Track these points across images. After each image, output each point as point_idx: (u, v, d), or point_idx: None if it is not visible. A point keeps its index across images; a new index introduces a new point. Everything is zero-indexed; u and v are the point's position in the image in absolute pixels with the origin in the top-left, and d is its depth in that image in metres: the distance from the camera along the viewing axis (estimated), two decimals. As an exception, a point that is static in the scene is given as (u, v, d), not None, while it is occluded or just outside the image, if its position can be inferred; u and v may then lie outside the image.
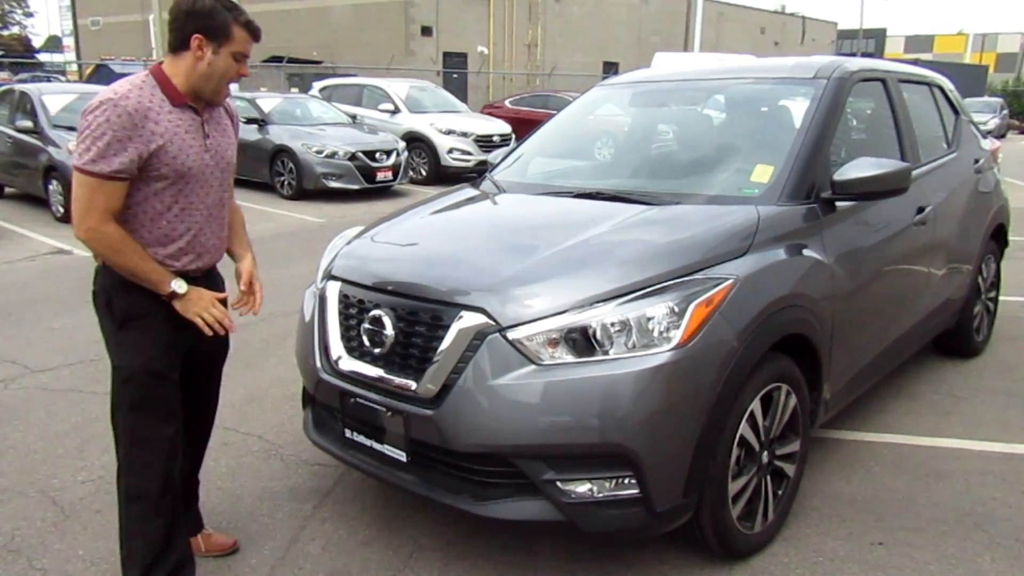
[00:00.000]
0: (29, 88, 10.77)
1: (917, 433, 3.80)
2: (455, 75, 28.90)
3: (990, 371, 4.64)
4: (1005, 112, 28.87)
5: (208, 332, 2.37)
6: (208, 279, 2.54)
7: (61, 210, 9.44)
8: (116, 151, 2.17)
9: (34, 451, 3.60)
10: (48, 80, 24.10)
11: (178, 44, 2.29)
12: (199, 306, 2.35)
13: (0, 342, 5.08)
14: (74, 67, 32.34)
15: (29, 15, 53.50)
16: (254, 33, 2.34)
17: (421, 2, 28.67)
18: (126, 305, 2.35)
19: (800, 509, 3.08)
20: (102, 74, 18.94)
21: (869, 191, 3.06)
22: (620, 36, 36.40)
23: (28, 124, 9.77)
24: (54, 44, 51.64)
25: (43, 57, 45.31)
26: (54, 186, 9.52)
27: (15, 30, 51.02)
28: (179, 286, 2.32)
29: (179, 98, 2.30)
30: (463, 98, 20.86)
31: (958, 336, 4.67)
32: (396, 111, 14.39)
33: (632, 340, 2.38)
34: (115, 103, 2.18)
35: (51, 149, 9.42)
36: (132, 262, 2.26)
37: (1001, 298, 5.28)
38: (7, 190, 11.26)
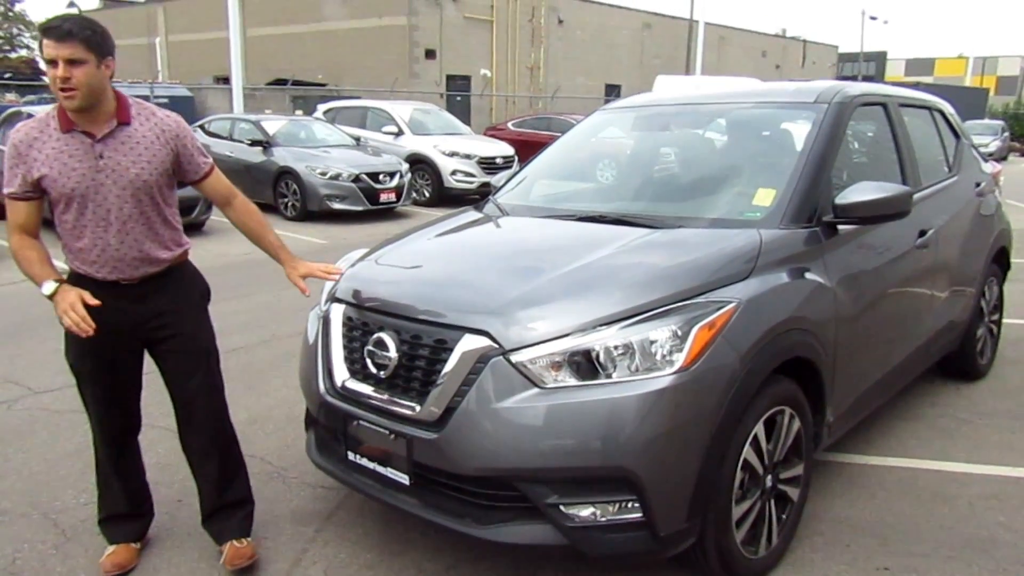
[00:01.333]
0: (36, 110, 10.84)
1: (922, 457, 3.79)
2: (458, 97, 29.10)
3: (994, 394, 4.63)
4: (1006, 135, 28.96)
5: (75, 332, 2.42)
6: (151, 287, 2.67)
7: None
8: (9, 177, 2.52)
9: (36, 473, 3.59)
10: (54, 102, 24.27)
11: None
12: (60, 308, 2.45)
13: (3, 363, 5.09)
14: (81, 89, 32.53)
15: (37, 38, 53.98)
16: (44, 33, 2.37)
17: (425, 25, 28.94)
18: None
19: (804, 533, 3.06)
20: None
21: (871, 215, 3.08)
22: (622, 59, 36.68)
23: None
24: (61, 67, 51.89)
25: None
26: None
27: (23, 53, 51.47)
28: (46, 288, 2.50)
29: (66, 124, 2.49)
30: (466, 120, 21.01)
31: (962, 359, 4.66)
32: (400, 133, 14.48)
33: (635, 363, 2.38)
34: (14, 133, 2.52)
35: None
36: (23, 268, 2.58)
37: (1004, 321, 5.27)
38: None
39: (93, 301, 2.46)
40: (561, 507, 2.39)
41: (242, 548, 2.86)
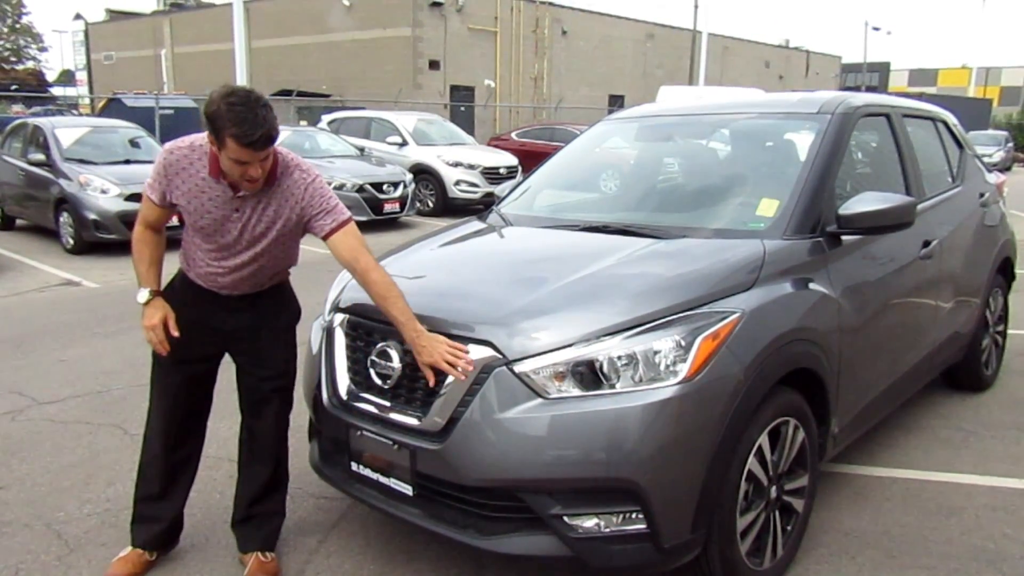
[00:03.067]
0: (42, 122, 10.92)
1: (927, 468, 3.77)
2: (462, 108, 29.19)
3: (1000, 405, 4.61)
4: (1010, 145, 28.93)
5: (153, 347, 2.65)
6: (247, 301, 2.77)
7: (71, 242, 9.52)
8: (152, 184, 2.64)
9: (40, 483, 3.59)
10: (61, 114, 24.41)
11: None
12: (146, 321, 2.65)
13: (8, 373, 5.10)
14: (87, 101, 32.80)
15: (43, 50, 54.34)
16: (247, 146, 2.35)
17: (429, 36, 29.07)
18: (167, 298, 2.74)
19: (809, 545, 3.05)
20: (114, 108, 19.15)
21: (874, 225, 3.07)
22: (626, 70, 36.77)
23: (40, 157, 9.89)
24: (67, 78, 52.40)
25: (56, 91, 45.98)
26: (64, 218, 9.61)
27: (29, 64, 51.81)
28: (141, 296, 2.66)
29: (214, 172, 2.54)
30: (470, 131, 21.06)
31: (967, 370, 4.64)
32: (404, 144, 14.52)
33: (639, 374, 2.38)
34: (167, 152, 2.60)
35: (62, 182, 9.52)
36: (134, 259, 2.73)
37: (1009, 332, 5.26)
38: (18, 222, 11.37)
39: (175, 332, 2.64)
40: (565, 518, 2.38)
41: (267, 563, 2.87)
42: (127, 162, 10.14)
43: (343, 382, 2.82)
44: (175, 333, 2.64)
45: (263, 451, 2.92)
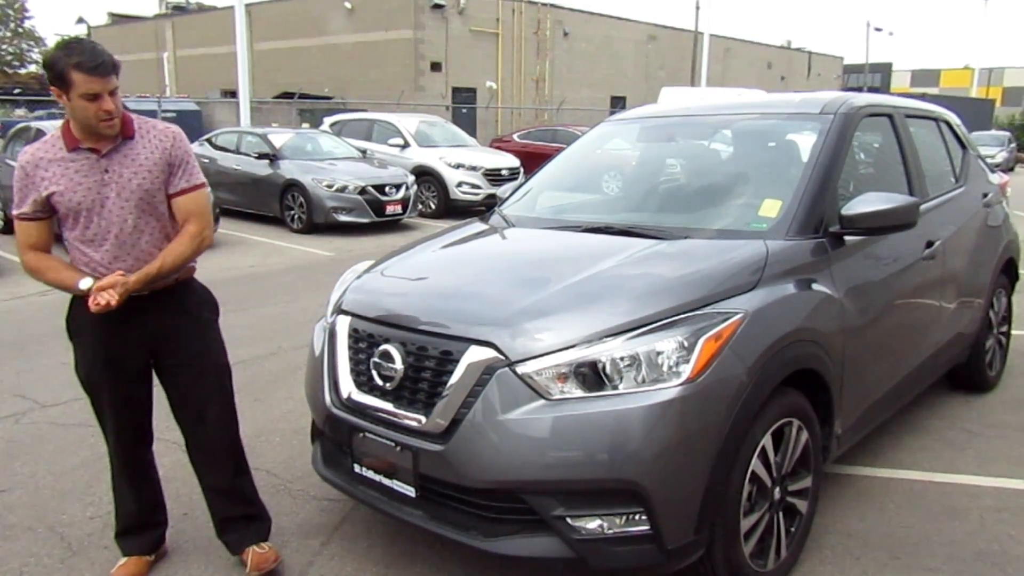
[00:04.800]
0: (45, 126, 10.92)
1: (931, 469, 3.76)
2: (464, 110, 29.21)
3: (1003, 406, 4.60)
4: (1013, 146, 28.87)
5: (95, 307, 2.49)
6: (157, 301, 2.68)
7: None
8: (19, 200, 2.61)
9: (43, 487, 3.59)
10: (63, 117, 24.44)
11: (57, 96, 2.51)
12: (98, 286, 2.53)
13: (11, 377, 5.10)
14: (89, 103, 32.76)
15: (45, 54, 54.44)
16: (91, 71, 2.40)
17: (431, 38, 29.10)
18: (71, 321, 2.74)
19: (813, 546, 3.04)
20: (116, 110, 19.19)
21: (877, 225, 3.07)
22: (627, 71, 36.78)
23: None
24: (70, 81, 52.29)
25: (59, 94, 45.94)
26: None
27: (32, 69, 51.89)
28: (85, 283, 2.56)
29: (72, 143, 2.57)
30: (472, 132, 21.07)
31: (970, 370, 4.63)
32: (406, 145, 14.52)
33: (641, 375, 2.38)
34: (21, 155, 2.60)
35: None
36: (49, 278, 2.63)
37: (1013, 332, 5.25)
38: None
39: (120, 278, 2.52)
40: (568, 519, 2.37)
41: (265, 553, 2.88)
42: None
43: (345, 384, 2.82)
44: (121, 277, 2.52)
45: (216, 461, 2.87)
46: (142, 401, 2.83)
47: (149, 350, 2.74)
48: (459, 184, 13.75)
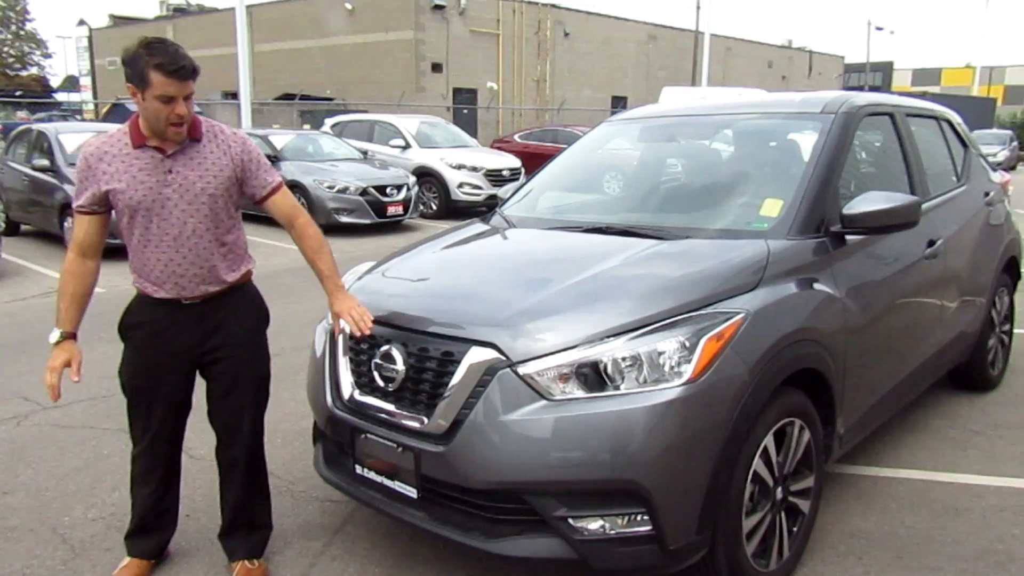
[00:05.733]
0: (46, 127, 10.93)
1: (934, 468, 3.76)
2: (465, 111, 29.23)
3: (1006, 405, 4.59)
4: (1014, 144, 28.82)
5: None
6: (211, 307, 2.69)
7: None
8: (79, 191, 2.59)
9: (45, 488, 3.59)
10: (65, 119, 24.50)
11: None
12: (52, 363, 2.60)
13: (13, 378, 5.10)
14: (90, 106, 32.91)
15: (47, 56, 54.54)
16: (170, 75, 2.40)
17: (431, 39, 29.11)
18: (124, 322, 2.74)
19: (816, 546, 3.04)
20: (118, 113, 19.27)
21: (879, 225, 3.06)
22: (628, 71, 36.78)
23: (45, 163, 9.91)
24: (71, 84, 52.60)
25: (60, 97, 46.14)
26: (69, 223, 9.61)
27: (33, 71, 51.97)
28: (53, 336, 2.61)
29: (138, 140, 2.55)
30: (473, 133, 21.09)
31: (973, 370, 4.63)
32: (407, 146, 14.53)
33: (643, 375, 2.37)
34: (85, 147, 2.58)
35: (67, 187, 9.52)
36: (58, 294, 2.66)
37: (1015, 331, 5.24)
38: (23, 227, 11.39)
39: (75, 378, 2.59)
40: (570, 520, 2.37)
41: (253, 569, 2.86)
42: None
43: (347, 385, 2.82)
44: (75, 379, 2.59)
45: (240, 465, 2.86)
46: (183, 406, 2.82)
47: (198, 354, 2.72)
48: (460, 185, 13.75)
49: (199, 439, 3.62)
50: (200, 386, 2.83)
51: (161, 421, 2.76)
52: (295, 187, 11.66)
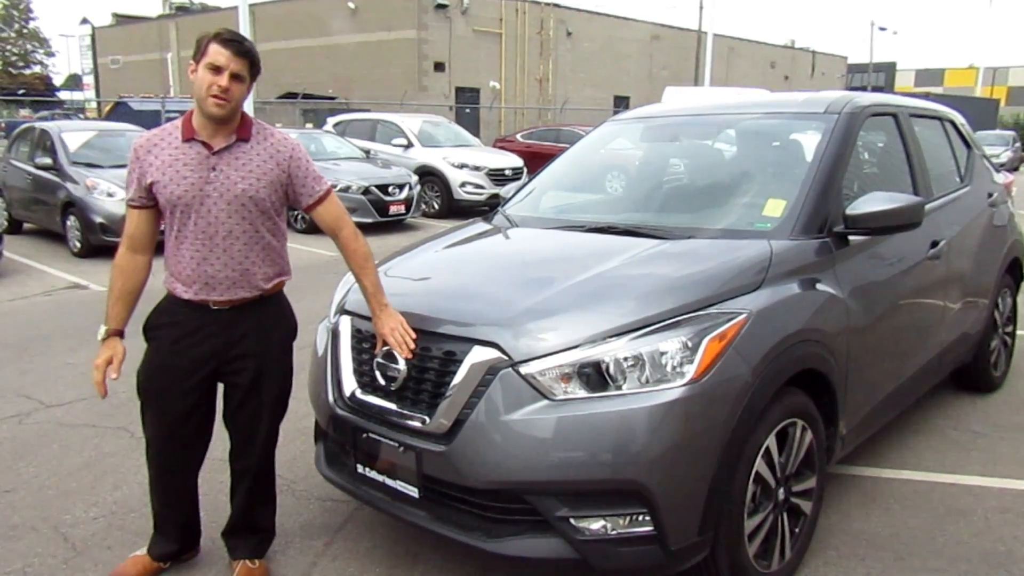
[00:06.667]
0: (49, 126, 10.95)
1: (936, 470, 3.75)
2: (467, 110, 29.22)
3: (1009, 407, 4.58)
4: (1018, 145, 28.76)
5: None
6: (240, 314, 2.63)
7: (78, 245, 9.54)
8: (129, 182, 2.59)
9: (47, 487, 3.60)
10: (68, 118, 24.51)
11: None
12: (96, 360, 2.62)
13: (15, 377, 5.11)
14: (93, 105, 32.94)
15: (51, 54, 54.68)
16: (224, 43, 2.45)
17: (434, 38, 29.11)
18: (149, 321, 2.69)
19: (818, 547, 3.03)
20: (120, 111, 19.26)
21: (882, 225, 3.06)
22: (631, 71, 36.76)
23: (47, 161, 9.93)
24: (74, 82, 52.61)
25: (63, 95, 46.18)
26: (71, 222, 9.63)
27: (36, 69, 52.06)
28: (100, 333, 2.62)
29: (187, 133, 2.53)
30: (475, 132, 21.08)
31: (975, 371, 4.62)
32: (409, 145, 14.53)
33: (645, 375, 2.37)
34: (138, 138, 2.58)
35: (69, 186, 9.55)
36: (108, 290, 2.65)
37: (1018, 333, 5.22)
38: (25, 226, 11.41)
39: (114, 375, 2.59)
40: (571, 520, 2.37)
41: (254, 569, 2.85)
42: (133, 165, 10.15)
43: (348, 384, 2.81)
44: (114, 376, 2.58)
45: (250, 474, 2.83)
46: (201, 418, 2.71)
47: (220, 362, 2.65)
48: (462, 184, 13.75)
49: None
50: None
51: (171, 428, 2.67)
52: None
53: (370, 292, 2.71)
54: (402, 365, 2.62)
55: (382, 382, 2.69)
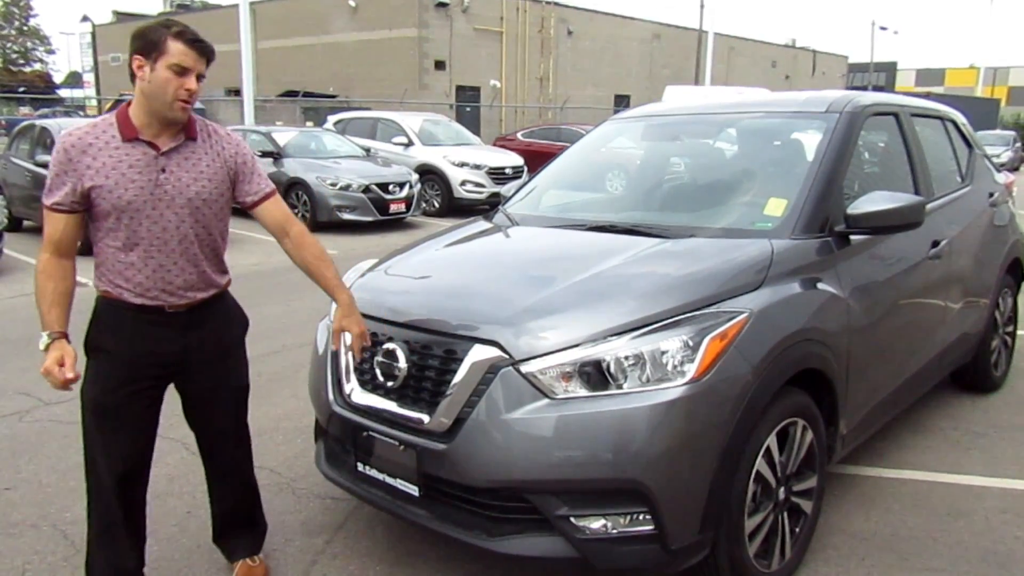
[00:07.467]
0: (49, 123, 10.94)
1: (936, 470, 3.75)
2: (468, 108, 29.21)
3: (1009, 407, 4.58)
4: (1018, 145, 28.76)
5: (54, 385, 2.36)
6: (196, 316, 2.49)
7: (77, 244, 9.52)
8: (55, 185, 2.32)
9: (47, 484, 3.59)
10: (68, 115, 24.50)
11: (130, 74, 2.32)
12: (45, 365, 2.35)
13: (15, 374, 5.11)
14: (94, 102, 32.93)
15: (51, 52, 54.68)
16: (191, 43, 2.28)
17: (435, 37, 29.10)
18: (92, 334, 2.49)
19: (818, 547, 3.03)
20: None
21: (883, 225, 3.05)
22: (631, 70, 36.74)
23: (48, 159, 9.90)
24: (75, 80, 52.61)
25: (64, 93, 46.18)
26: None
27: (37, 67, 52.04)
28: (41, 343, 2.37)
29: (129, 133, 2.33)
30: (476, 131, 21.08)
31: (976, 371, 4.62)
32: (409, 144, 14.53)
33: (646, 374, 2.37)
34: (65, 136, 2.33)
35: (70, 182, 9.53)
36: (36, 297, 2.41)
37: (1019, 333, 5.22)
38: (26, 223, 11.40)
39: (70, 374, 2.34)
40: (572, 519, 2.37)
41: (255, 567, 2.84)
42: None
43: (349, 382, 2.81)
44: (70, 375, 2.32)
45: (228, 476, 2.78)
46: (154, 426, 2.57)
47: (175, 369, 2.52)
48: (463, 182, 13.75)
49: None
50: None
51: (131, 449, 2.51)
52: (298, 184, 11.67)
53: (335, 283, 2.60)
54: (403, 363, 2.62)
55: (382, 380, 2.68)
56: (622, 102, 34.85)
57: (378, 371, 2.70)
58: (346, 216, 11.47)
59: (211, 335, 2.57)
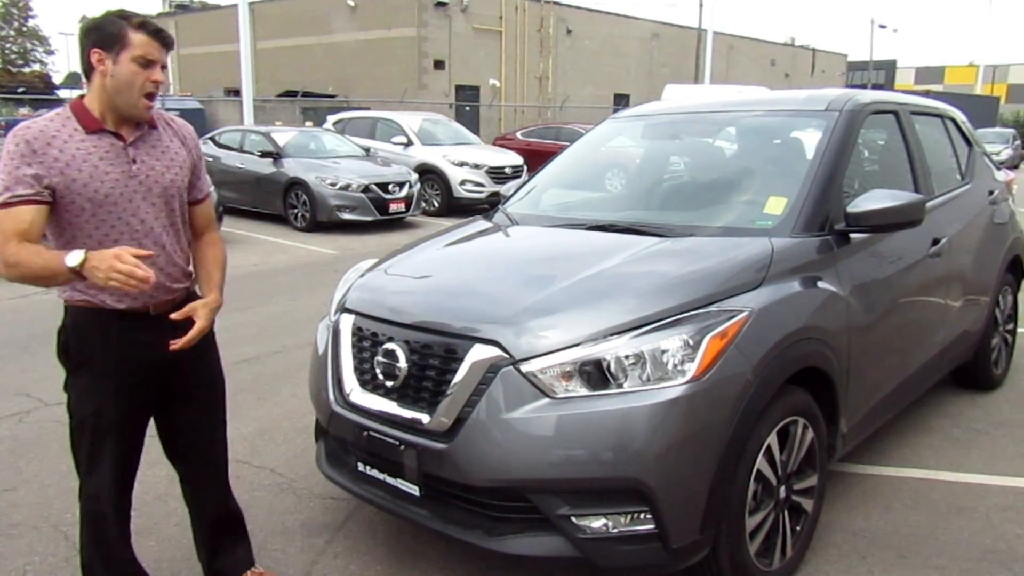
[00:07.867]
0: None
1: (937, 468, 3.75)
2: (467, 108, 29.20)
3: (1009, 404, 4.58)
4: (1018, 143, 28.76)
5: (129, 288, 2.04)
6: (169, 316, 2.32)
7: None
8: (14, 179, 2.11)
9: (47, 485, 3.59)
10: (67, 115, 24.38)
11: (85, 68, 2.22)
12: (103, 268, 2.01)
13: (16, 375, 5.11)
14: (93, 102, 32.80)
15: (50, 52, 54.57)
16: (154, 34, 2.19)
17: (434, 36, 29.09)
18: (74, 348, 2.31)
19: (819, 545, 3.03)
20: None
21: (883, 223, 3.05)
22: (631, 68, 36.74)
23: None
24: (74, 81, 52.53)
25: (63, 93, 46.11)
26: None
27: (36, 67, 51.97)
28: (72, 259, 2.04)
29: (93, 124, 2.22)
30: (475, 130, 21.08)
31: (976, 369, 4.61)
32: (409, 143, 14.52)
33: (646, 373, 2.37)
34: (23, 129, 2.17)
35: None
36: (31, 267, 2.09)
37: (1019, 330, 5.22)
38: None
39: (144, 251, 2.08)
40: (572, 518, 2.37)
41: (265, 574, 2.78)
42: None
43: (349, 382, 2.81)
44: (144, 252, 2.08)
45: (218, 483, 2.67)
46: (142, 438, 2.46)
47: (166, 371, 2.40)
48: (462, 182, 13.74)
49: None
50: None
51: (127, 460, 2.40)
52: (297, 184, 11.67)
53: (217, 286, 2.48)
54: (403, 363, 2.62)
55: (383, 380, 2.68)
56: (621, 101, 34.84)
57: (378, 371, 2.70)
58: (346, 216, 11.47)
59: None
